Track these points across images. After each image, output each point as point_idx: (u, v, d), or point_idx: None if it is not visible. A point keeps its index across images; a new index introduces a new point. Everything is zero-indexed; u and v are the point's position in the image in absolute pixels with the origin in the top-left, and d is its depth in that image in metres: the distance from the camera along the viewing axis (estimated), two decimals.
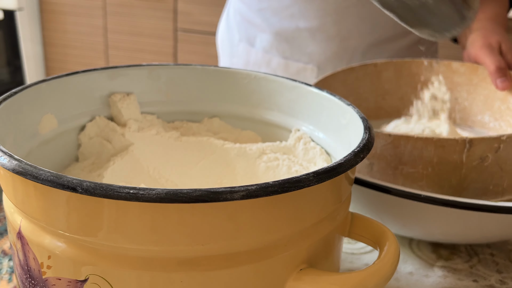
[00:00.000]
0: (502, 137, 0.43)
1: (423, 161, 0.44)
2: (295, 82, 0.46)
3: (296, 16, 0.77)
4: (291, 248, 0.29)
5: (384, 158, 0.45)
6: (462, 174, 0.45)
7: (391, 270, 0.31)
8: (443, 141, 0.43)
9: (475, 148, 0.43)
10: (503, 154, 0.44)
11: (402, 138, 0.44)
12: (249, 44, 0.86)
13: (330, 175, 0.27)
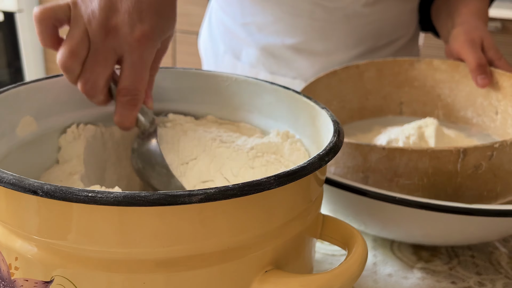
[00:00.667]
0: (495, 145, 0.44)
1: (418, 172, 0.45)
2: (274, 85, 0.46)
3: (282, 32, 0.76)
4: (256, 250, 0.29)
5: (379, 171, 0.46)
6: (457, 183, 0.45)
7: (357, 271, 0.31)
8: (437, 152, 0.44)
9: (469, 157, 0.44)
10: (496, 161, 0.45)
11: (397, 150, 0.45)
12: (235, 57, 0.84)
13: (292, 178, 0.27)
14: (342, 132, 0.35)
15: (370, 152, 0.46)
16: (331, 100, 0.64)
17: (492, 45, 0.61)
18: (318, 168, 0.29)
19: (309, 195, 0.33)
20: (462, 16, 0.65)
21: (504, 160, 0.45)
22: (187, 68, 0.49)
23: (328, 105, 0.63)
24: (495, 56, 0.61)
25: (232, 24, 0.82)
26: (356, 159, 0.47)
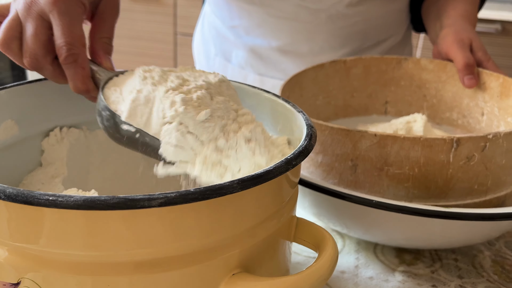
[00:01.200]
0: (489, 136, 0.43)
1: (409, 161, 0.44)
2: (255, 88, 0.46)
3: (268, 34, 0.77)
4: (222, 253, 0.29)
5: (369, 159, 0.45)
6: (449, 174, 0.45)
7: (326, 273, 0.31)
8: (430, 140, 0.43)
9: (462, 147, 0.43)
10: (488, 153, 0.44)
11: (388, 138, 0.43)
12: (225, 59, 0.86)
13: (256, 182, 0.28)
14: (314, 136, 0.35)
15: (360, 139, 0.44)
16: (317, 94, 0.64)
17: (481, 46, 0.61)
18: (284, 171, 0.30)
19: (279, 198, 0.33)
20: (451, 18, 0.65)
21: (497, 153, 0.45)
22: None
23: (314, 100, 0.63)
24: (483, 57, 0.61)
25: (222, 27, 0.84)
26: (346, 147, 0.46)
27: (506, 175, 0.47)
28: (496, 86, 0.57)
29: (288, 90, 0.58)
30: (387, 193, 0.46)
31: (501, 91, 0.57)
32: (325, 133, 0.46)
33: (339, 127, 0.46)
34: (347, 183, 0.48)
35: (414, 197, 0.46)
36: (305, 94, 0.62)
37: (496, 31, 1.86)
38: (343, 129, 0.45)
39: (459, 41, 0.60)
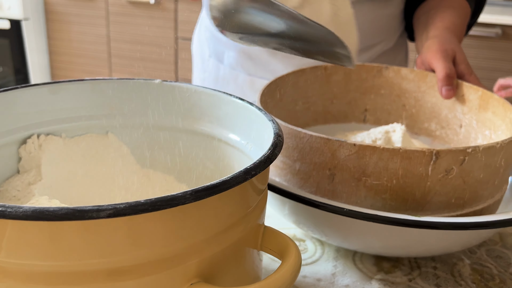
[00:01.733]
0: (468, 150, 0.43)
1: (388, 173, 0.44)
2: (231, 96, 0.47)
3: None
4: (179, 263, 0.29)
5: (347, 169, 0.45)
6: (427, 187, 0.44)
7: (288, 281, 0.32)
8: (409, 152, 0.43)
9: (441, 160, 0.43)
10: (467, 167, 0.44)
11: (367, 148, 0.43)
12: (218, 60, 0.87)
13: (211, 192, 0.28)
14: (279, 146, 0.35)
15: (339, 148, 0.44)
16: (297, 99, 0.64)
17: (464, 59, 0.61)
18: (242, 181, 0.30)
19: (242, 206, 0.33)
20: (438, 29, 0.66)
21: (475, 167, 0.45)
22: (149, 79, 0.50)
23: (293, 105, 0.63)
24: (466, 70, 0.61)
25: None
26: (324, 155, 0.45)
27: (483, 189, 0.47)
28: (475, 99, 0.57)
29: (268, 94, 0.58)
30: (365, 204, 0.46)
31: (479, 104, 0.57)
32: (304, 140, 0.46)
33: (318, 135, 0.45)
34: (325, 192, 0.47)
35: (391, 209, 0.46)
36: (285, 98, 0.62)
37: (496, 35, 1.85)
38: (322, 137, 0.45)
39: (442, 52, 0.60)
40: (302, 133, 0.46)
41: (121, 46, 2.38)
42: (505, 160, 0.47)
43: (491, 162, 0.45)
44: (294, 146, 0.47)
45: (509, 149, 0.47)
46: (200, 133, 0.50)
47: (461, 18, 0.70)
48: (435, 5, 0.73)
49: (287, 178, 0.50)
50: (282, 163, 0.49)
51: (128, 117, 0.51)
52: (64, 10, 2.39)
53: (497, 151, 0.45)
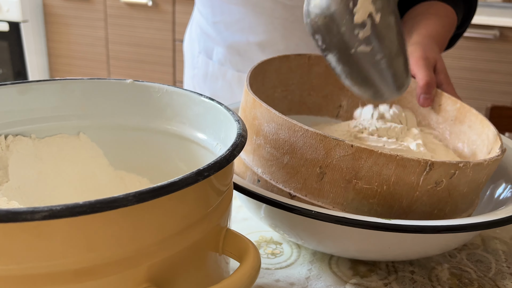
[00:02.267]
0: (460, 164, 0.43)
1: (380, 178, 0.43)
2: (201, 96, 0.46)
3: (246, 30, 0.78)
4: (127, 267, 0.28)
5: (339, 169, 0.44)
6: (415, 196, 0.44)
7: (245, 284, 0.31)
8: (405, 160, 0.42)
9: (433, 172, 0.43)
10: (455, 181, 0.44)
11: (364, 151, 0.42)
12: (207, 56, 0.87)
13: (156, 194, 0.27)
14: (239, 147, 0.34)
15: (335, 147, 0.43)
16: (277, 86, 0.63)
17: (443, 68, 0.61)
18: (193, 183, 0.29)
19: (197, 209, 0.32)
20: (421, 36, 0.65)
21: (462, 181, 0.44)
22: (121, 79, 0.49)
23: (272, 92, 0.62)
24: (444, 80, 0.61)
25: (206, 25, 0.85)
26: (317, 152, 0.44)
27: (463, 203, 0.47)
28: (452, 110, 0.56)
29: (253, 77, 0.57)
30: (350, 206, 0.45)
31: (456, 116, 0.56)
32: (298, 134, 0.45)
33: (315, 131, 0.44)
34: (310, 190, 0.46)
35: (376, 214, 0.45)
36: (267, 84, 0.61)
37: (494, 37, 1.84)
38: (319, 133, 0.43)
39: (425, 59, 0.60)
40: (297, 126, 0.44)
41: (119, 48, 2.38)
42: (487, 177, 0.47)
43: (477, 178, 0.45)
44: (286, 138, 0.45)
45: (492, 167, 0.47)
46: (172, 133, 0.49)
47: (445, 28, 0.69)
48: (422, 12, 0.73)
49: (271, 170, 0.48)
50: (269, 154, 0.48)
51: (100, 118, 0.50)
52: (62, 12, 2.40)
53: (484, 168, 0.45)
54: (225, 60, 0.84)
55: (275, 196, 0.44)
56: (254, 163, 0.50)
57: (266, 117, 0.46)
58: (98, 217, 0.26)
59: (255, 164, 0.50)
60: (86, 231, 0.27)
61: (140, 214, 0.28)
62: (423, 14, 0.72)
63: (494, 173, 0.56)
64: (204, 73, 0.88)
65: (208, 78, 0.86)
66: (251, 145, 0.50)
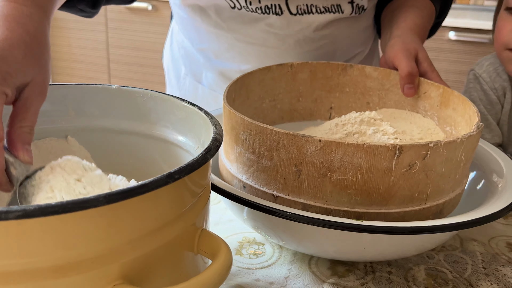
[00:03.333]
0: (430, 144, 0.44)
1: (353, 168, 0.44)
2: (183, 101, 0.47)
3: (237, 59, 0.77)
4: (100, 265, 0.30)
5: (313, 164, 0.45)
6: (391, 181, 0.45)
7: (216, 281, 0.32)
8: (374, 147, 0.43)
9: (404, 155, 0.43)
10: (429, 161, 0.45)
11: (333, 144, 0.44)
12: (195, 80, 0.85)
13: (125, 196, 0.28)
14: (212, 150, 0.36)
15: (305, 144, 0.44)
16: (264, 97, 0.64)
17: (426, 57, 0.62)
18: (163, 185, 0.30)
19: (170, 209, 0.33)
20: (400, 29, 0.66)
21: (437, 161, 0.45)
22: (107, 84, 0.51)
23: (260, 103, 0.64)
24: (428, 68, 0.61)
25: (191, 48, 0.83)
26: (290, 151, 0.45)
27: (445, 183, 0.48)
28: (436, 96, 0.57)
29: (235, 91, 0.58)
30: (330, 199, 0.46)
31: (440, 101, 0.57)
32: (271, 137, 0.46)
33: (285, 132, 0.45)
34: (291, 189, 0.48)
35: (356, 204, 0.46)
36: (252, 96, 0.62)
37: (489, 41, 1.85)
38: (288, 133, 0.45)
39: (405, 50, 0.61)
40: (269, 129, 0.46)
41: (120, 52, 2.40)
42: (465, 154, 0.48)
43: (452, 156, 0.46)
44: (261, 143, 0.47)
45: (468, 144, 0.47)
46: (156, 137, 0.51)
47: (424, 19, 0.70)
48: (399, 5, 0.74)
49: (254, 175, 0.50)
50: (249, 160, 0.49)
51: (87, 122, 0.52)
52: (64, 16, 2.42)
53: (458, 145, 0.45)
54: (216, 85, 0.82)
55: (256, 199, 0.45)
56: (238, 171, 0.51)
57: (241, 125, 0.48)
58: (71, 217, 0.28)
59: (239, 171, 0.51)
60: (60, 230, 0.28)
61: (112, 214, 0.29)
62: (401, 7, 0.72)
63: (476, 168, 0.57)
64: (193, 96, 0.86)
65: (198, 101, 0.82)
66: (234, 154, 0.51)
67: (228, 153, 0.52)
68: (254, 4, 0.69)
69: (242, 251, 0.53)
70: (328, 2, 0.70)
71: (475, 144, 0.49)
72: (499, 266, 0.53)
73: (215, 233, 0.42)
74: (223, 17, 0.73)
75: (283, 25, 0.71)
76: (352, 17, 0.74)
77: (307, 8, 0.70)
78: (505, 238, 0.59)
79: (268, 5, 0.69)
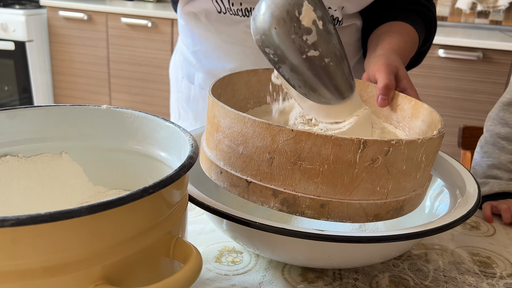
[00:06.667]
0: (392, 141, 0.47)
1: (320, 158, 0.47)
2: (166, 122, 0.52)
3: (222, 58, 0.86)
4: (83, 267, 0.34)
5: (284, 153, 0.48)
6: (355, 173, 0.48)
7: (186, 283, 0.37)
8: (340, 140, 0.46)
9: (368, 150, 0.47)
10: (391, 158, 0.48)
11: (303, 134, 0.46)
12: (189, 81, 0.96)
13: (105, 207, 0.33)
14: (186, 167, 0.41)
15: (279, 133, 0.47)
16: (249, 98, 0.67)
17: (406, 75, 0.66)
18: (138, 198, 0.35)
19: (146, 219, 0.38)
20: (384, 50, 0.71)
21: (398, 159, 0.48)
22: (97, 105, 0.56)
23: (245, 103, 0.67)
24: (408, 85, 0.66)
25: (187, 52, 0.94)
26: (265, 140, 0.48)
27: (406, 181, 0.51)
28: (408, 108, 0.61)
29: (220, 88, 0.62)
30: (299, 186, 0.49)
31: (412, 113, 0.61)
32: (248, 125, 0.50)
33: (261, 121, 0.49)
34: (264, 175, 0.51)
35: (322, 193, 0.49)
36: (237, 96, 0.66)
37: (478, 58, 1.90)
38: (264, 122, 0.48)
39: (387, 66, 0.65)
40: (247, 118, 0.50)
41: (120, 67, 2.46)
42: (426, 156, 0.51)
43: (413, 156, 0.49)
44: (239, 130, 0.50)
45: (429, 146, 0.50)
46: (143, 154, 0.56)
47: (407, 43, 0.76)
48: (385, 31, 0.79)
49: (231, 161, 0.53)
50: (228, 147, 0.53)
51: (80, 139, 0.57)
52: (66, 32, 2.49)
53: (418, 146, 0.49)
54: (205, 84, 0.92)
55: (234, 211, 0.50)
56: (216, 157, 0.55)
57: (222, 114, 0.52)
58: (58, 225, 0.32)
59: (217, 158, 0.55)
60: (48, 237, 0.33)
61: (94, 223, 0.34)
62: (386, 33, 0.78)
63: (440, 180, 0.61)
64: (187, 96, 0.96)
65: (190, 100, 0.94)
66: (213, 142, 0.55)
67: (209, 140, 0.56)
68: (235, 6, 0.78)
69: (221, 259, 0.58)
70: None
71: (436, 148, 0.52)
72: (458, 274, 0.57)
73: (198, 242, 0.46)
74: (211, 20, 0.83)
75: None
76: None
77: None
78: (469, 248, 0.63)
79: (248, 8, 0.78)
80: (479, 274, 0.57)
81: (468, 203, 0.54)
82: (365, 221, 0.50)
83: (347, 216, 0.49)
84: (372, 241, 0.45)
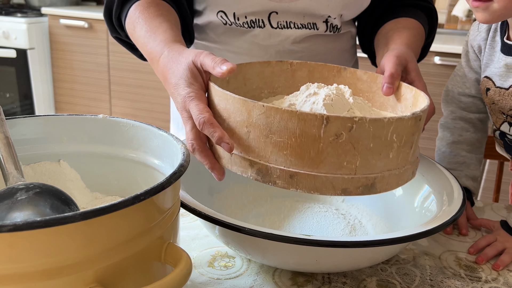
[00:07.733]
0: (355, 118, 0.49)
1: (288, 132, 0.50)
2: (160, 130, 0.54)
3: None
4: (77, 270, 0.36)
5: (258, 126, 0.51)
6: (320, 147, 0.50)
7: (176, 285, 0.38)
8: (304, 115, 0.49)
9: (331, 125, 0.49)
10: (355, 134, 0.49)
11: (272, 109, 0.49)
12: None
13: (98, 214, 0.35)
14: (177, 175, 0.42)
15: (253, 109, 0.51)
16: (263, 87, 0.70)
17: (415, 68, 0.68)
18: (130, 205, 0.37)
19: (138, 225, 0.40)
20: (396, 44, 0.73)
21: (363, 136, 0.49)
22: (94, 115, 0.58)
23: (259, 92, 0.70)
24: (416, 77, 0.67)
25: None
26: (243, 115, 0.52)
27: (376, 159, 0.52)
28: (410, 98, 0.63)
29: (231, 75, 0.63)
30: (270, 158, 0.52)
31: (413, 102, 0.63)
32: (230, 102, 0.53)
33: (239, 97, 0.52)
34: (243, 148, 0.54)
35: (291, 164, 0.51)
36: (249, 85, 0.68)
37: None
38: (241, 99, 0.52)
39: (397, 57, 0.67)
40: (229, 95, 0.53)
41: (121, 74, 2.49)
42: (397, 135, 0.51)
43: (381, 134, 0.50)
44: (224, 107, 0.54)
45: (399, 126, 0.51)
46: (137, 161, 0.58)
47: (416, 37, 0.78)
48: (391, 28, 0.81)
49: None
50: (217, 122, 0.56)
51: (77, 147, 0.59)
52: (67, 40, 2.51)
53: (385, 124, 0.50)
54: None
55: (226, 218, 0.51)
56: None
57: (213, 93, 0.56)
58: (53, 230, 0.34)
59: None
60: (44, 241, 0.35)
61: (87, 228, 0.36)
62: (394, 30, 0.80)
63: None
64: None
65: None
66: None
67: None
68: (241, 20, 0.81)
69: (214, 263, 0.60)
70: (305, 20, 0.81)
71: (410, 129, 0.53)
72: (444, 278, 0.59)
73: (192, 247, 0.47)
74: (217, 33, 0.85)
75: (265, 36, 0.82)
76: (328, 35, 0.84)
77: (286, 23, 0.81)
78: (455, 253, 0.65)
79: (253, 20, 0.81)
80: (465, 278, 0.59)
81: (453, 208, 0.56)
82: (333, 193, 0.51)
83: (315, 188, 0.51)
84: (358, 245, 0.47)
